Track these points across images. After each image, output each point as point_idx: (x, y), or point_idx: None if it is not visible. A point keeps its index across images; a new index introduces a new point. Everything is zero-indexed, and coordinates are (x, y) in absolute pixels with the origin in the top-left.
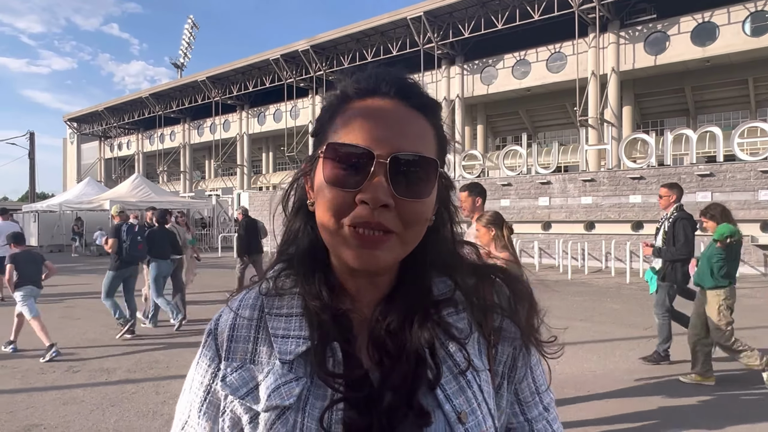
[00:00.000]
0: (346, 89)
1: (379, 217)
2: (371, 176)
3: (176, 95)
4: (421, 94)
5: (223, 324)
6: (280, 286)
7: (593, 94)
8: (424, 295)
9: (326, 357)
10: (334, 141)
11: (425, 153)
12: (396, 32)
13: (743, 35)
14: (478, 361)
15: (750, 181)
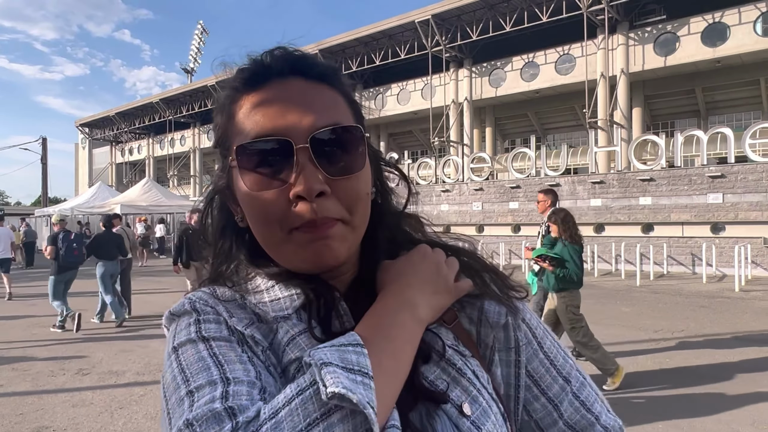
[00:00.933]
0: (236, 83)
1: (320, 210)
2: (296, 166)
3: (186, 100)
4: (318, 64)
5: (206, 299)
6: (241, 276)
7: (602, 95)
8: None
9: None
10: (241, 142)
11: (343, 122)
12: (404, 35)
13: (754, 35)
14: (460, 347)
15: (762, 182)
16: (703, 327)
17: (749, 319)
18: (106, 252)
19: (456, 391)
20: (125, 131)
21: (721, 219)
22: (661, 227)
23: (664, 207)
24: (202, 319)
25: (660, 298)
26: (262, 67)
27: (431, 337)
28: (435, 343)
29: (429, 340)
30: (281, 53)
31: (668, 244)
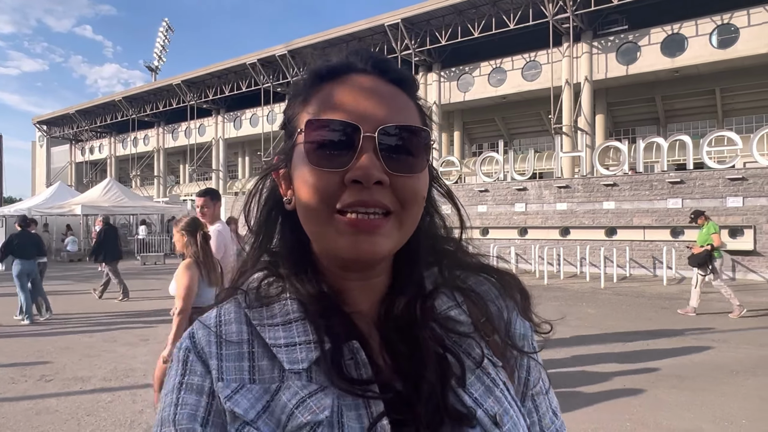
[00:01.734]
0: (318, 69)
1: (376, 196)
2: (359, 152)
3: (150, 99)
4: (398, 69)
5: (204, 341)
6: (264, 294)
7: (567, 102)
8: (422, 289)
9: (345, 360)
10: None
11: (413, 123)
12: (374, 38)
13: (710, 47)
14: (494, 357)
15: (719, 188)
16: (665, 328)
17: (708, 320)
18: (22, 251)
19: (489, 401)
20: (86, 129)
21: (680, 223)
22: (623, 231)
23: (626, 211)
24: (185, 384)
25: (623, 299)
26: (345, 60)
27: (469, 345)
28: (473, 350)
29: (467, 348)
30: (367, 51)
31: (630, 248)
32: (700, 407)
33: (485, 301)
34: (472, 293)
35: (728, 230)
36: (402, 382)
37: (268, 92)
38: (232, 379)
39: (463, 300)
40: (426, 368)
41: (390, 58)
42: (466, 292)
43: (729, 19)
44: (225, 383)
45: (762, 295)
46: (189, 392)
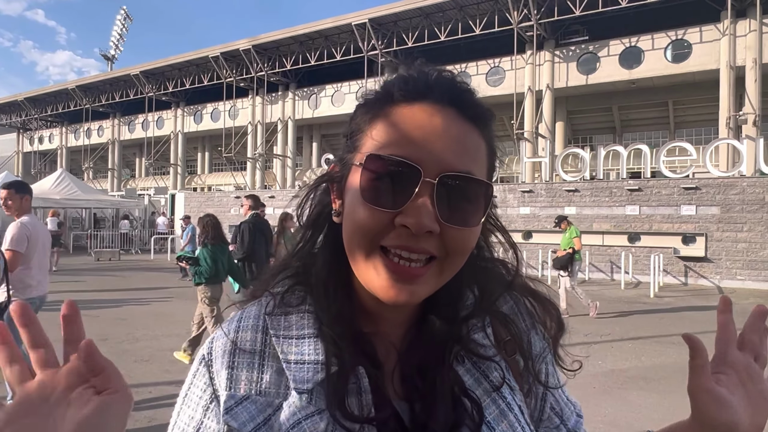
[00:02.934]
0: (390, 88)
1: (422, 245)
2: (415, 197)
3: (106, 89)
4: (477, 104)
5: (220, 349)
6: (287, 302)
7: (529, 108)
8: (454, 319)
9: (348, 386)
10: (375, 151)
11: (477, 173)
12: (340, 37)
13: (665, 61)
14: (512, 381)
15: (674, 196)
16: (627, 331)
17: (667, 323)
18: None
19: (502, 425)
20: (35, 118)
21: (637, 229)
22: (583, 236)
23: (587, 217)
24: (188, 396)
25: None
26: (424, 84)
27: (489, 367)
28: (491, 373)
29: (486, 370)
30: (448, 78)
31: (590, 252)
32: (668, 408)
33: (512, 320)
34: (500, 314)
35: (681, 237)
36: (410, 413)
37: (230, 87)
38: (240, 388)
39: (489, 321)
40: (436, 410)
41: (472, 90)
42: (495, 314)
43: (683, 35)
44: (231, 393)
45: (713, 299)
46: (188, 405)
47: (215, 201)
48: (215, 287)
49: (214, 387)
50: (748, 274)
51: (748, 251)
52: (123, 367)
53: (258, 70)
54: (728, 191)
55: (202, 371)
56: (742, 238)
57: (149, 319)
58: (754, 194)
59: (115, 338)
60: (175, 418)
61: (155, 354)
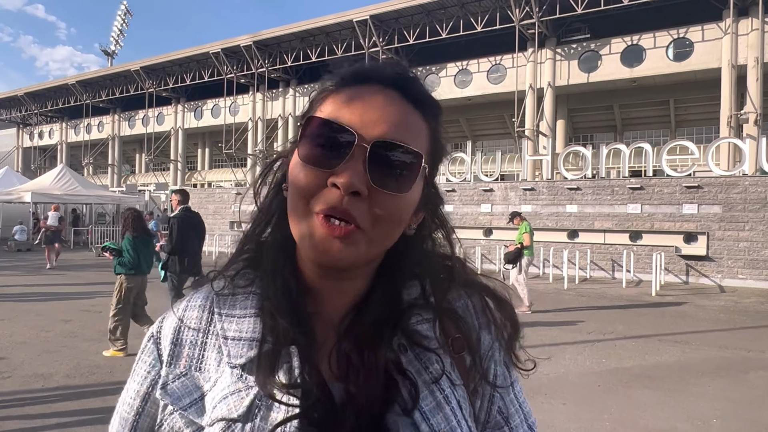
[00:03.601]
0: (342, 74)
1: (348, 206)
2: (348, 159)
3: (106, 84)
4: (422, 90)
5: (167, 327)
6: (236, 284)
7: (530, 106)
8: (396, 305)
9: (279, 362)
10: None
11: (412, 145)
12: (342, 34)
13: (666, 59)
14: (453, 375)
15: (675, 195)
16: (630, 329)
17: (669, 322)
18: None
19: (437, 417)
20: (35, 113)
21: (638, 228)
22: (585, 234)
23: (588, 215)
24: (135, 371)
25: (587, 301)
26: (370, 69)
27: (429, 360)
28: (432, 365)
29: (427, 362)
30: (394, 66)
31: (591, 250)
32: (674, 407)
33: (462, 317)
34: (450, 311)
35: (683, 236)
36: (344, 392)
37: (231, 83)
38: (181, 364)
39: (435, 315)
40: (366, 385)
41: (417, 78)
42: (445, 311)
43: (685, 33)
44: (171, 368)
45: (714, 298)
46: (134, 380)
47: (216, 197)
48: (136, 278)
49: (161, 362)
50: (750, 273)
51: (750, 250)
52: (128, 362)
53: (259, 66)
54: (730, 190)
55: (150, 348)
56: (744, 237)
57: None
58: (756, 193)
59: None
60: (124, 394)
61: None
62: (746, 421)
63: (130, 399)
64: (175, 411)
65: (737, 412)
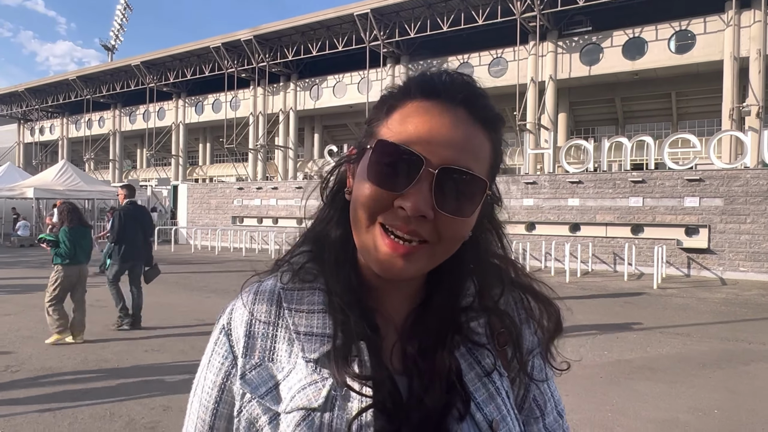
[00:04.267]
0: (410, 84)
1: (414, 228)
2: (416, 183)
3: (107, 79)
4: (488, 107)
5: (238, 319)
6: (302, 278)
7: (532, 100)
8: (456, 310)
9: (350, 357)
10: (386, 137)
11: (477, 171)
12: (342, 27)
13: (668, 52)
14: (501, 368)
15: (677, 188)
16: (631, 322)
17: (670, 314)
18: None
19: (490, 407)
20: (36, 109)
21: (640, 221)
22: (587, 227)
23: (590, 208)
24: (210, 363)
25: (588, 294)
26: (440, 83)
27: (482, 354)
28: (484, 359)
29: (479, 356)
30: (463, 81)
31: (593, 244)
32: (675, 398)
33: (506, 313)
34: (498, 310)
35: (685, 229)
36: (407, 388)
37: (232, 77)
38: (255, 355)
39: (485, 314)
40: (430, 392)
41: (484, 93)
42: (494, 311)
43: (687, 26)
44: (246, 359)
45: (715, 291)
46: (210, 370)
47: (218, 192)
48: (72, 267)
49: (234, 354)
50: (751, 265)
51: (752, 243)
52: (135, 357)
53: (259, 60)
54: (732, 183)
55: (222, 339)
56: (746, 230)
57: (158, 309)
58: (758, 186)
59: (125, 329)
60: (201, 382)
61: (165, 344)
62: (747, 412)
63: (209, 388)
64: (253, 399)
65: (738, 402)
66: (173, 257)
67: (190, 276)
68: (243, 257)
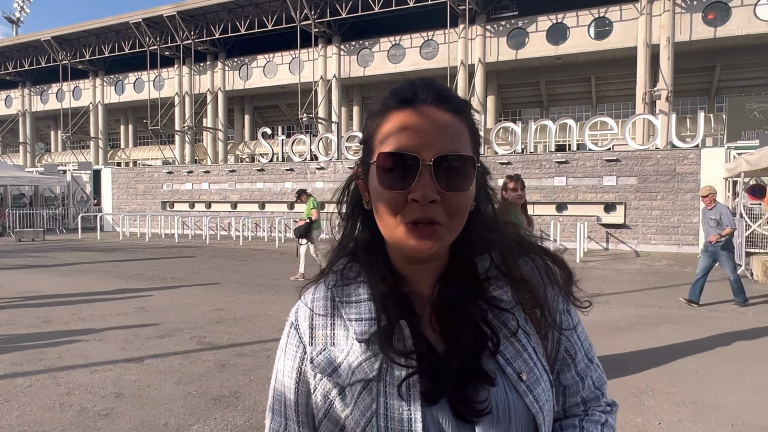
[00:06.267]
0: (387, 102)
1: (429, 212)
2: (419, 177)
3: (13, 55)
4: (454, 98)
5: (302, 316)
6: (347, 276)
7: (462, 82)
8: (473, 272)
9: (394, 335)
10: (383, 150)
11: (462, 151)
12: (272, 6)
13: (588, 38)
14: (528, 327)
15: (597, 168)
16: None
17: (592, 285)
18: None
19: (518, 361)
20: None
21: (564, 199)
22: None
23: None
24: (286, 350)
25: None
26: (411, 93)
27: (507, 318)
28: (509, 322)
29: (505, 320)
30: (427, 84)
31: None
32: (606, 362)
33: (529, 280)
34: (520, 279)
35: (604, 206)
36: (446, 346)
37: (154, 55)
38: (319, 342)
39: (507, 282)
40: (462, 336)
41: (448, 88)
42: (515, 280)
43: (605, 13)
44: (313, 347)
45: (631, 263)
46: (287, 357)
47: (146, 176)
48: None
49: (303, 344)
50: (661, 238)
51: (661, 218)
52: (76, 347)
53: (184, 38)
54: (644, 163)
55: (293, 333)
56: (656, 206)
57: (92, 298)
58: (667, 165)
59: (60, 320)
60: (281, 368)
61: (107, 333)
62: (658, 367)
63: (288, 372)
64: (323, 377)
65: (650, 359)
66: (101, 245)
67: (122, 264)
68: (176, 243)
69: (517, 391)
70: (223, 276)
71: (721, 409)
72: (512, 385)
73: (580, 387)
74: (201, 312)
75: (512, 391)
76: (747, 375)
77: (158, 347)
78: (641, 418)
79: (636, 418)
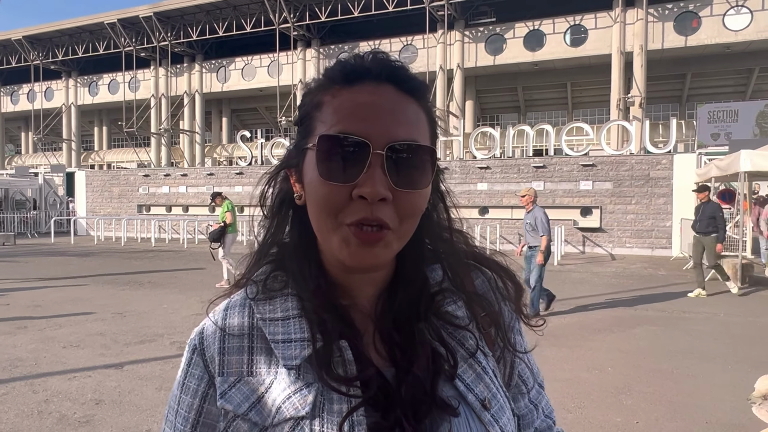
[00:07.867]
0: (333, 74)
1: (378, 213)
2: (368, 169)
3: None
4: (412, 78)
5: (210, 338)
6: (270, 287)
7: (441, 87)
8: (424, 285)
9: (333, 358)
10: (325, 132)
11: (420, 140)
12: (250, 8)
13: (564, 45)
14: (485, 348)
15: (573, 173)
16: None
17: (569, 288)
18: None
19: (479, 386)
20: None
21: (542, 204)
22: (494, 210)
23: (497, 192)
24: (185, 385)
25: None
26: (361, 66)
27: (464, 336)
28: (467, 341)
29: (462, 339)
30: (382, 58)
31: (500, 225)
32: (576, 360)
33: (483, 297)
34: (474, 295)
35: (580, 210)
36: (395, 371)
37: (130, 56)
38: (231, 372)
39: (462, 296)
40: (415, 361)
41: (406, 66)
42: (469, 295)
43: (580, 21)
44: (224, 378)
45: (607, 266)
46: (186, 393)
47: (121, 179)
48: None
49: (210, 374)
50: (635, 242)
51: (635, 222)
52: (53, 353)
53: (161, 39)
54: (619, 168)
55: (196, 360)
56: (631, 210)
57: (67, 304)
58: (641, 170)
59: (35, 326)
60: (175, 406)
61: (84, 339)
62: (635, 367)
63: (185, 412)
64: (237, 417)
65: (627, 360)
66: (75, 249)
67: (98, 268)
68: (153, 247)
69: (481, 421)
70: (202, 281)
71: (696, 407)
72: (476, 415)
73: (534, 416)
74: (181, 317)
75: (476, 421)
76: (720, 374)
77: (138, 353)
78: (620, 417)
79: (615, 417)
